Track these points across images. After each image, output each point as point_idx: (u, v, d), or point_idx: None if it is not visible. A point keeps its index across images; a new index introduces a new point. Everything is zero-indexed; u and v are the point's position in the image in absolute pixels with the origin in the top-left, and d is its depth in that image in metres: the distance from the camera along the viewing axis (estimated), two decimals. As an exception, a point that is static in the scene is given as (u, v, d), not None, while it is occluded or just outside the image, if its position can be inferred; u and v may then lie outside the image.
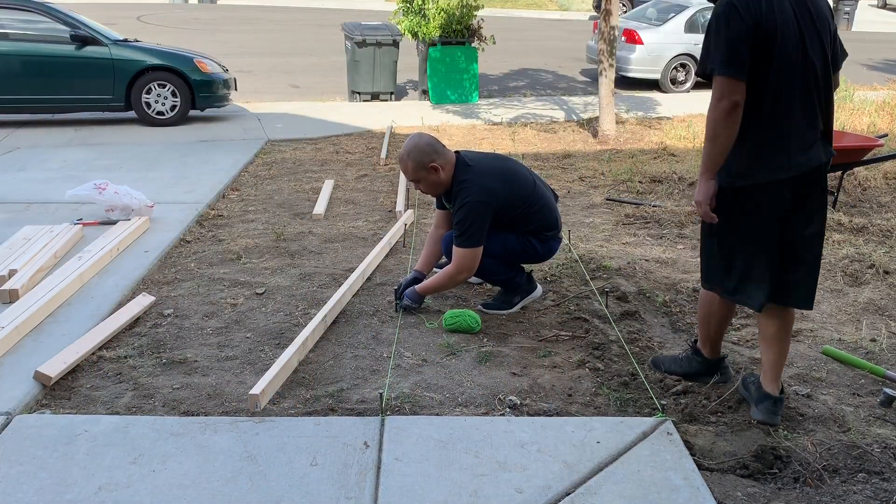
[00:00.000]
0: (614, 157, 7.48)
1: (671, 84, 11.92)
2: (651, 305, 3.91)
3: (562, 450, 2.59)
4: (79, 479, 2.41)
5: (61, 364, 3.07)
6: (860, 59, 15.66)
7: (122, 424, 2.71)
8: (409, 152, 3.52)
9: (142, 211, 5.04)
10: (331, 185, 6.14)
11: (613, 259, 4.52)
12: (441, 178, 3.55)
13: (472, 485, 2.41)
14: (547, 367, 3.25)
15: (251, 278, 4.19)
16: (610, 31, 8.01)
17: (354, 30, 10.35)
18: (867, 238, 4.93)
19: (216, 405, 2.91)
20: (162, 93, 8.49)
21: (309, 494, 2.36)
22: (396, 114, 9.42)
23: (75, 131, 8.29)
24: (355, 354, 3.34)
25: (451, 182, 3.57)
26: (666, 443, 2.64)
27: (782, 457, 2.60)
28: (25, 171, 6.51)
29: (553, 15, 25.25)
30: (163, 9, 22.27)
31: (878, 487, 2.45)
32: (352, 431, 2.68)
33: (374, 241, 4.81)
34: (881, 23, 25.15)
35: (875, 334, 3.58)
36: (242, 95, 10.29)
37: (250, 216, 5.40)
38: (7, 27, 8.15)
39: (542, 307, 3.88)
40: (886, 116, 8.93)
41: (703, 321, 3.03)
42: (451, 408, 2.90)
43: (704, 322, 3.03)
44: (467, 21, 10.16)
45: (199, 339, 3.48)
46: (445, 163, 3.54)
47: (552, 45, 17.27)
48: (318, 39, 16.68)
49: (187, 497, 2.34)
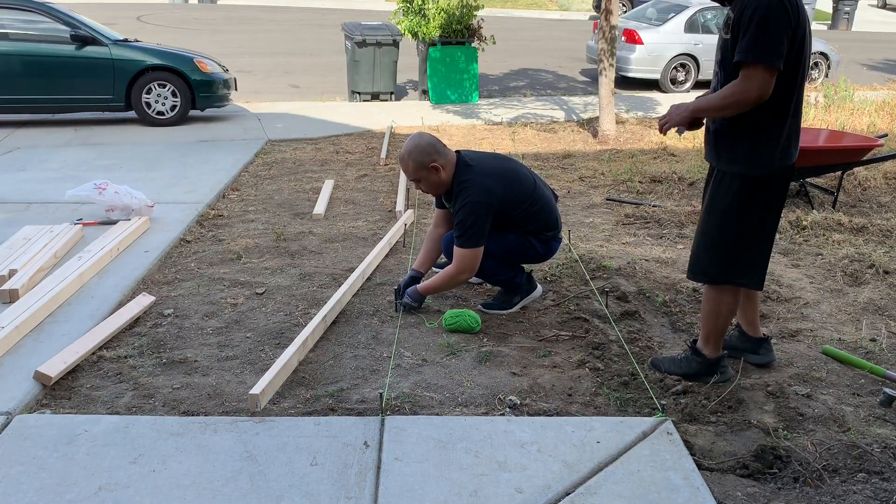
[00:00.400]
0: (614, 157, 7.48)
1: (671, 84, 11.92)
2: (651, 305, 3.91)
3: (562, 450, 2.59)
4: (79, 479, 2.41)
5: (61, 364, 3.07)
6: (860, 59, 15.67)
7: (122, 424, 2.71)
8: (410, 152, 3.51)
9: (142, 211, 5.04)
10: (331, 185, 6.14)
11: (613, 259, 4.52)
12: (442, 178, 3.55)
13: (472, 485, 2.41)
14: (547, 367, 3.25)
15: (251, 278, 4.19)
16: (610, 30, 8.01)
17: (354, 30, 10.35)
18: (867, 238, 4.93)
19: (216, 405, 2.91)
20: (162, 93, 8.49)
21: (309, 494, 2.36)
22: (396, 114, 9.42)
23: (75, 131, 8.29)
24: (355, 354, 3.34)
25: (451, 182, 3.57)
26: (666, 443, 2.64)
27: (782, 457, 2.60)
28: (25, 171, 6.51)
29: (553, 15, 25.25)
30: (163, 9, 22.27)
31: (878, 487, 2.45)
32: (352, 431, 2.68)
33: (374, 241, 4.81)
34: (881, 23, 25.16)
35: (875, 334, 3.58)
36: (242, 95, 10.29)
37: (250, 216, 5.40)
38: (7, 27, 8.15)
39: (542, 307, 3.88)
40: (886, 116, 8.93)
41: (711, 317, 3.02)
42: (451, 408, 2.90)
43: (712, 318, 3.02)
44: (467, 21, 10.16)
45: (199, 338, 3.48)
46: (446, 162, 3.54)
47: (552, 45, 17.27)
48: (318, 39, 16.68)
49: (187, 497, 2.34)
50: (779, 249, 4.74)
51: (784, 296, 4.01)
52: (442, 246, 3.82)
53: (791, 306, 3.90)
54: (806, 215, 5.31)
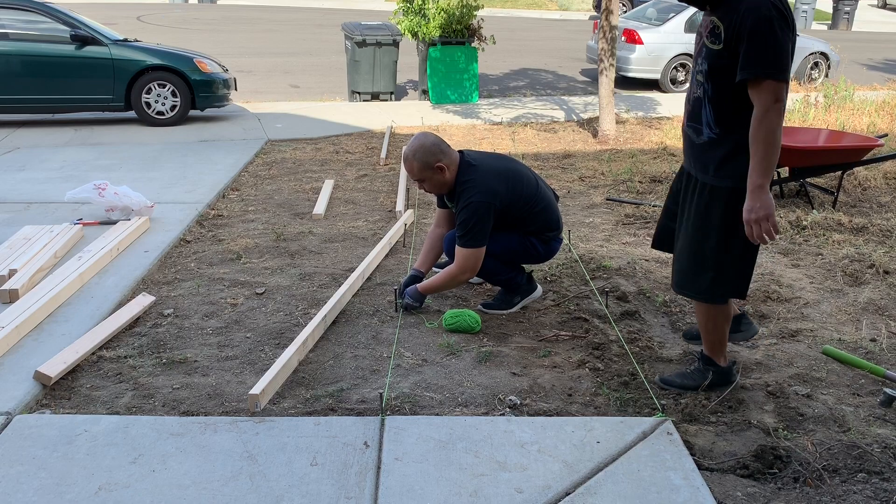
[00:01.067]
0: (614, 157, 7.48)
1: (671, 84, 11.92)
2: (651, 305, 3.91)
3: (562, 450, 2.59)
4: (79, 479, 2.41)
5: (61, 364, 3.07)
6: (860, 59, 15.68)
7: (122, 424, 2.71)
8: (415, 152, 3.51)
9: (142, 211, 5.04)
10: (331, 185, 6.14)
11: (613, 259, 4.52)
12: (446, 178, 3.55)
13: (472, 485, 2.41)
14: (547, 367, 3.25)
15: (251, 278, 4.19)
16: (610, 30, 8.01)
17: (354, 30, 10.35)
18: (867, 238, 4.93)
19: (216, 405, 2.91)
20: (162, 93, 8.49)
21: (309, 494, 2.36)
22: (396, 114, 9.42)
23: (75, 131, 8.29)
24: (355, 354, 3.34)
25: (454, 182, 3.57)
26: (666, 443, 2.64)
27: (782, 457, 2.60)
28: (25, 171, 6.51)
29: (553, 15, 25.25)
30: (163, 9, 22.27)
31: (878, 487, 2.45)
32: (352, 431, 2.68)
33: (374, 241, 4.81)
34: (881, 23, 25.16)
35: (875, 334, 3.58)
36: (242, 95, 10.30)
37: (250, 216, 5.40)
38: (7, 27, 8.15)
39: (542, 307, 3.88)
40: (886, 116, 8.93)
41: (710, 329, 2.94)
42: (451, 408, 2.90)
43: (710, 329, 2.94)
44: (467, 21, 10.15)
45: (199, 339, 3.48)
46: (451, 163, 3.54)
47: (552, 45, 17.27)
48: (318, 39, 16.68)
49: (187, 497, 2.34)
50: (779, 249, 4.74)
51: (784, 296, 4.01)
52: (444, 245, 3.81)
53: (791, 306, 3.90)
54: (806, 215, 5.31)
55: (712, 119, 2.67)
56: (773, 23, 2.43)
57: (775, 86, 2.46)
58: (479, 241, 3.49)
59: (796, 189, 6.00)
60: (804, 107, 9.05)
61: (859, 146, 5.71)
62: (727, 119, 2.64)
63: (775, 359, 3.33)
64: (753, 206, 2.53)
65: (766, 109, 2.47)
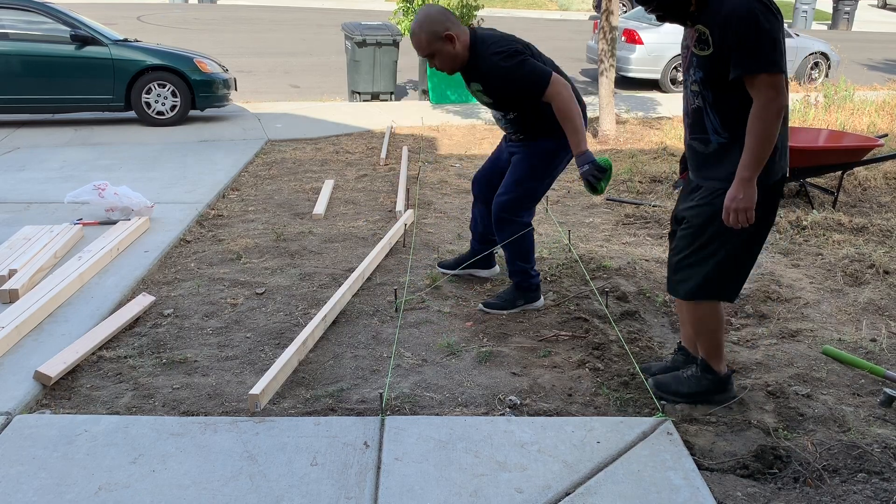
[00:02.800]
0: (614, 157, 7.48)
1: (671, 84, 11.91)
2: (651, 305, 3.91)
3: (562, 450, 2.59)
4: (79, 479, 2.41)
5: (61, 364, 3.07)
6: (860, 59, 15.68)
7: (122, 424, 2.71)
8: (422, 24, 3.31)
9: (142, 211, 5.04)
10: (331, 185, 6.14)
11: (613, 259, 4.52)
12: (457, 50, 3.35)
13: (472, 485, 2.41)
14: (547, 367, 3.25)
15: (251, 278, 4.19)
16: (611, 30, 8.01)
17: (354, 30, 10.35)
18: (867, 238, 4.93)
19: (216, 405, 2.91)
20: (162, 93, 8.49)
21: (309, 494, 2.36)
22: (396, 114, 9.42)
23: (75, 131, 8.29)
24: (355, 354, 3.34)
25: (468, 55, 3.38)
26: (666, 443, 2.64)
27: (782, 457, 2.60)
28: (25, 171, 6.51)
29: (553, 15, 25.25)
30: (163, 9, 22.26)
31: (878, 487, 2.45)
32: (352, 431, 2.68)
33: (374, 241, 4.81)
34: (881, 23, 25.16)
35: (875, 334, 3.58)
36: (242, 95, 10.29)
37: (250, 216, 5.40)
38: (7, 27, 8.15)
39: (543, 307, 3.88)
40: (886, 116, 8.93)
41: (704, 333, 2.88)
42: (451, 408, 2.90)
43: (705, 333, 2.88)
44: (467, 21, 10.14)
45: (199, 339, 3.48)
46: (461, 32, 3.35)
47: (552, 45, 17.25)
48: (318, 39, 16.68)
49: (187, 497, 2.34)
50: (779, 249, 4.74)
51: (784, 296, 4.01)
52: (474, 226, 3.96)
53: (791, 306, 3.90)
54: (806, 215, 5.31)
55: (718, 124, 2.62)
56: (759, 16, 2.40)
57: (771, 79, 2.43)
58: (545, 72, 3.29)
59: (796, 189, 6.00)
60: (804, 107, 9.05)
61: (859, 146, 5.71)
62: (733, 121, 2.59)
63: (775, 359, 3.34)
64: (736, 196, 2.54)
65: (763, 105, 2.46)
